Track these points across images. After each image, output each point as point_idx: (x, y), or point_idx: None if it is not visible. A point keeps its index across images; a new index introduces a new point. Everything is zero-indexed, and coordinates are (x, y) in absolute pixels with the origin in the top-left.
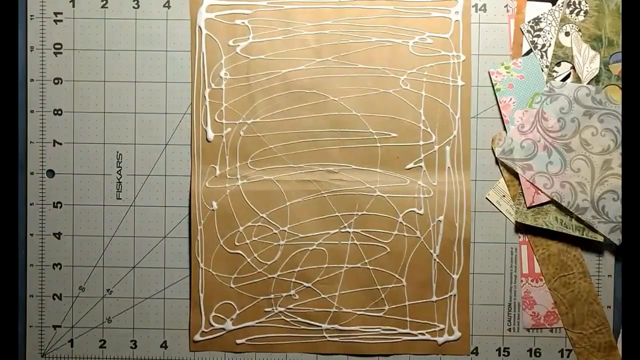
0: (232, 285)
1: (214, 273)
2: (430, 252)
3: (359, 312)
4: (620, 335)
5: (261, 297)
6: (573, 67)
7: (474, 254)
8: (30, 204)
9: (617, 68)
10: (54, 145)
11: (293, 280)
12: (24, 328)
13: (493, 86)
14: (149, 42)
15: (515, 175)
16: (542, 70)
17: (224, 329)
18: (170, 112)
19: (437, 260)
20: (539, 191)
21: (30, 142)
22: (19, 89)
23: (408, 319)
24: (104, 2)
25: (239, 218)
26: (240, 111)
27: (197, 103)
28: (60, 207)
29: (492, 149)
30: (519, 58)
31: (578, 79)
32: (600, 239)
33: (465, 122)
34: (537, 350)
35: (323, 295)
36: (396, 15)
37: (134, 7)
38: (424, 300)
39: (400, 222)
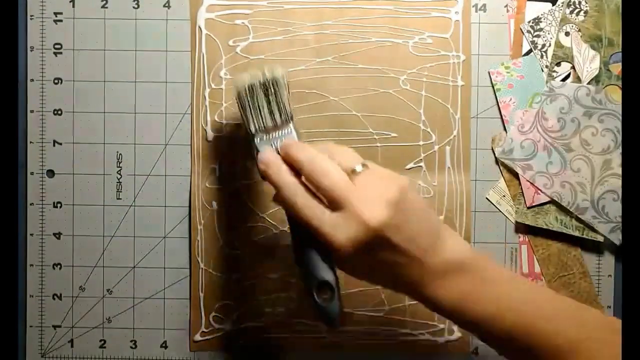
0: (232, 286)
1: (214, 273)
2: None
3: (359, 312)
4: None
5: (262, 297)
6: (573, 67)
7: None
8: (30, 204)
9: (617, 68)
10: (54, 145)
11: (293, 280)
12: (24, 328)
13: (493, 86)
14: (149, 42)
15: (515, 175)
16: (542, 70)
17: (224, 329)
18: (170, 112)
19: None
20: (539, 191)
21: (30, 142)
22: (19, 89)
23: (408, 319)
24: (104, 2)
25: (239, 218)
26: None
27: (197, 103)
28: (60, 207)
29: (492, 149)
30: (519, 58)
31: (578, 79)
32: (600, 239)
33: (465, 122)
34: None
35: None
36: (396, 15)
37: (134, 7)
38: None
39: None
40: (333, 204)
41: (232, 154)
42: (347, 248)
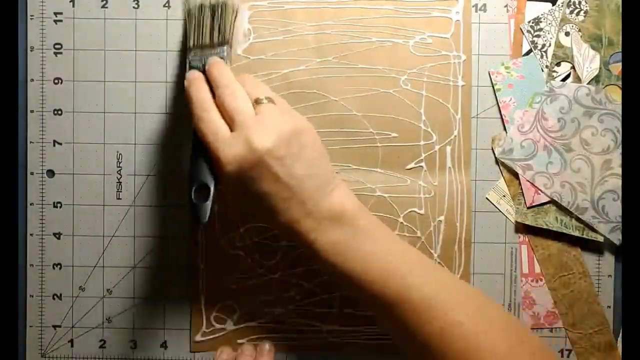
0: (233, 286)
1: (214, 273)
2: (431, 252)
3: (359, 312)
4: (620, 335)
5: (262, 297)
6: (573, 67)
7: (474, 254)
8: (30, 204)
9: (617, 68)
10: (54, 145)
11: (294, 280)
12: (24, 328)
13: (493, 86)
14: (149, 42)
15: (515, 175)
16: (542, 70)
17: (225, 329)
18: (170, 112)
19: (438, 260)
20: (539, 191)
21: (30, 142)
22: (19, 89)
23: None
24: (104, 2)
25: (239, 218)
26: None
27: None
28: (60, 207)
29: (492, 149)
30: (519, 58)
31: (578, 79)
32: (600, 239)
33: (465, 122)
34: None
35: (324, 296)
36: (396, 15)
37: (134, 7)
38: None
39: (401, 222)
40: (232, 124)
41: None
42: (231, 165)
